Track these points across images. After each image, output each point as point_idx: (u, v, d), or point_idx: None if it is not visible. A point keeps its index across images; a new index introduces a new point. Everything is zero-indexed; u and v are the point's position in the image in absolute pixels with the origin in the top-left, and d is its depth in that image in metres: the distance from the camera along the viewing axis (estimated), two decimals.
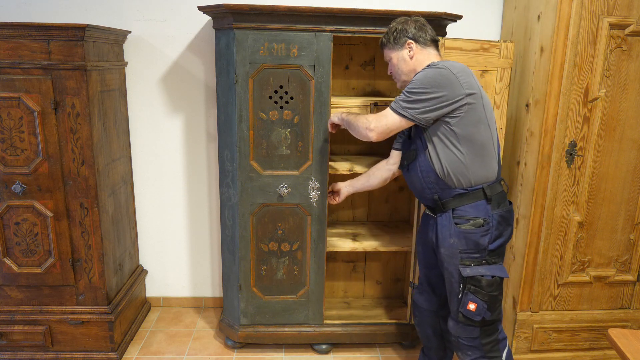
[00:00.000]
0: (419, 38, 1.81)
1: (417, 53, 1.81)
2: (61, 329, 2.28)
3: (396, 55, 1.84)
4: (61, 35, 1.97)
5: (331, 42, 2.05)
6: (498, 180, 1.77)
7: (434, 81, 1.63)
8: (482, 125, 1.69)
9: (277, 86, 2.12)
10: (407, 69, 1.83)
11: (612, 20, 2.03)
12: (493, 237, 1.71)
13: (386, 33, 1.86)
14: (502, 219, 1.73)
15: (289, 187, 2.23)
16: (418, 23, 1.82)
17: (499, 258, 1.75)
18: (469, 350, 1.77)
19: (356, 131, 1.82)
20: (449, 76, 1.63)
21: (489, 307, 1.70)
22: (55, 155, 2.09)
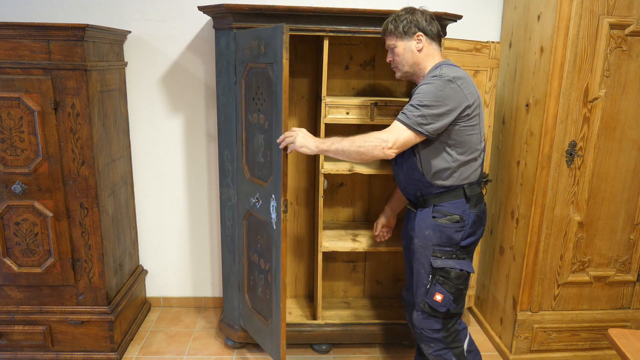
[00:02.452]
0: (429, 32, 1.78)
1: (425, 47, 1.78)
2: (61, 329, 2.28)
3: (403, 44, 1.79)
4: (61, 35, 1.97)
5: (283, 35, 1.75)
6: (479, 182, 1.81)
7: (443, 94, 1.64)
8: (475, 131, 1.73)
9: (257, 87, 2.02)
10: (412, 60, 1.80)
11: (612, 20, 2.03)
12: (466, 235, 1.77)
13: (393, 19, 1.80)
14: (478, 218, 1.79)
15: (260, 199, 2.07)
16: (427, 15, 1.79)
17: (468, 255, 1.81)
18: (431, 342, 1.82)
19: (365, 154, 1.70)
20: (455, 88, 1.65)
21: (455, 299, 1.76)
22: (55, 155, 2.09)
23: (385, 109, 2.27)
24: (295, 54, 2.51)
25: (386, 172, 2.33)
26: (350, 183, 2.68)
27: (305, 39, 2.48)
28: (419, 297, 1.83)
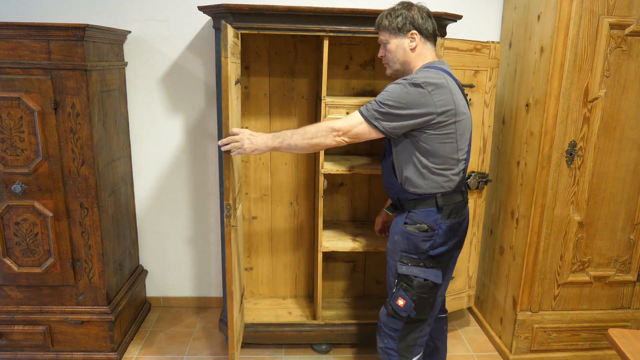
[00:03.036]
0: (424, 30, 1.72)
1: (418, 45, 1.72)
2: (61, 329, 2.28)
3: (396, 41, 1.73)
4: (61, 35, 1.97)
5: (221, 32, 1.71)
6: (457, 191, 1.73)
7: (408, 98, 1.59)
8: (449, 140, 1.66)
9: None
10: (403, 59, 1.75)
11: (612, 20, 2.03)
12: (435, 244, 1.71)
13: (389, 14, 1.73)
14: (450, 229, 1.72)
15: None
16: (423, 12, 1.72)
17: (439, 265, 1.74)
18: (386, 338, 1.81)
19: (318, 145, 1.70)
20: (424, 94, 1.59)
21: (416, 306, 1.72)
22: (55, 155, 2.09)
23: None
24: (295, 54, 2.51)
25: None
26: (350, 183, 2.69)
27: (305, 39, 2.48)
28: (388, 297, 1.83)
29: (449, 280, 1.86)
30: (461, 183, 1.75)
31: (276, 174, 2.65)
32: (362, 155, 2.62)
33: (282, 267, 2.78)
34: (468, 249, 2.54)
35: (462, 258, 2.53)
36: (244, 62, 2.48)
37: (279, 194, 2.68)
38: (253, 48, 2.48)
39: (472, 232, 2.52)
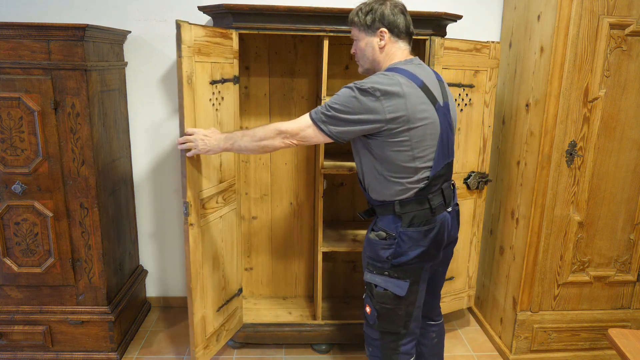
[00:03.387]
0: (395, 28, 1.62)
1: (387, 44, 1.63)
2: (61, 329, 2.28)
3: (365, 39, 1.66)
4: (61, 35, 1.97)
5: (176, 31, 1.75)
6: (418, 199, 1.61)
7: (355, 103, 1.52)
8: (403, 148, 1.55)
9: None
10: (372, 57, 1.67)
11: (612, 20, 2.03)
12: (396, 254, 1.61)
13: (360, 9, 1.65)
14: (410, 238, 1.60)
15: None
16: (396, 8, 1.62)
17: (405, 275, 1.63)
18: (370, 346, 1.77)
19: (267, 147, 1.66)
20: (371, 100, 1.50)
21: (379, 316, 1.65)
22: (55, 155, 2.09)
23: None
24: (295, 54, 2.51)
25: None
26: (350, 183, 2.69)
27: (305, 39, 2.48)
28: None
29: (422, 292, 1.70)
30: (425, 191, 1.61)
31: (276, 174, 2.65)
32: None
33: (282, 267, 2.78)
34: (468, 249, 2.54)
35: (462, 258, 2.53)
36: (244, 62, 2.49)
37: (279, 194, 2.68)
38: (253, 48, 2.48)
39: (472, 232, 2.52)
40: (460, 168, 2.40)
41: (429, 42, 2.16)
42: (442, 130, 1.60)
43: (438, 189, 1.64)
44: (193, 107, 1.85)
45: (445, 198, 1.67)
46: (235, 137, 1.73)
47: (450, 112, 1.67)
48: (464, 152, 2.38)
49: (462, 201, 2.43)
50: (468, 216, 2.48)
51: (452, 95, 1.78)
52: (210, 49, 1.92)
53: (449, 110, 1.67)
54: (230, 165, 2.17)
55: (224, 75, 2.04)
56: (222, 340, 2.27)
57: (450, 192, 1.71)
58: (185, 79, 1.78)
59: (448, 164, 1.67)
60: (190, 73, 1.80)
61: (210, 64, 1.94)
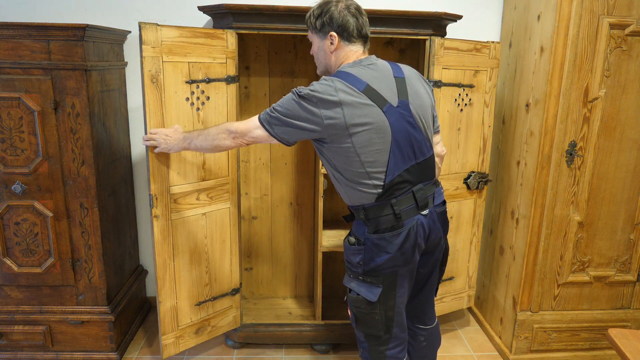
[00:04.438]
0: (344, 32, 1.58)
1: (338, 48, 1.60)
2: (61, 329, 2.28)
3: (318, 43, 1.64)
4: (61, 35, 1.97)
5: (139, 32, 1.84)
6: (380, 204, 1.56)
7: (294, 108, 1.51)
8: (349, 154, 1.52)
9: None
10: (324, 61, 1.65)
11: (612, 20, 2.03)
12: (365, 259, 1.58)
13: (312, 12, 1.62)
14: (374, 244, 1.57)
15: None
16: (349, 11, 1.57)
17: (377, 280, 1.58)
18: (360, 347, 1.76)
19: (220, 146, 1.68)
20: (309, 107, 1.48)
21: (357, 320, 1.64)
22: (55, 155, 2.09)
23: None
24: (295, 54, 2.51)
25: None
26: None
27: (305, 39, 2.48)
28: None
29: (402, 298, 1.65)
30: (386, 196, 1.55)
31: (276, 174, 2.65)
32: None
33: (282, 267, 2.78)
34: (468, 249, 2.54)
35: (462, 258, 2.53)
36: (244, 62, 2.48)
37: (279, 194, 2.68)
38: (253, 48, 2.48)
39: (472, 232, 2.52)
40: (460, 168, 2.40)
41: (429, 42, 2.16)
42: (395, 132, 1.52)
43: (405, 193, 1.57)
44: (160, 105, 1.93)
45: (417, 201, 1.58)
46: (192, 137, 1.77)
47: (411, 110, 1.56)
48: (464, 152, 2.38)
49: (462, 201, 2.43)
50: (468, 216, 2.48)
51: (429, 90, 1.69)
52: (187, 49, 1.95)
53: (409, 107, 1.56)
54: (220, 164, 2.17)
55: (209, 75, 2.05)
56: (204, 335, 2.29)
57: (427, 194, 1.61)
58: (148, 78, 1.86)
59: (417, 165, 1.58)
60: (155, 72, 1.88)
61: (187, 63, 1.98)
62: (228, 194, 2.24)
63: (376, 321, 1.63)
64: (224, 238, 2.27)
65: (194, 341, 2.27)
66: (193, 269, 2.18)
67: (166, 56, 1.90)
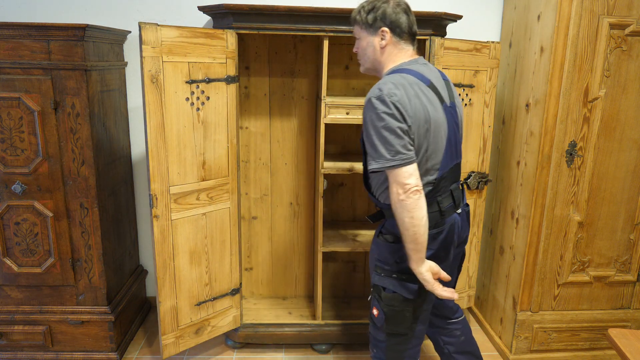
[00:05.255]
0: (397, 28, 1.58)
1: (389, 45, 1.60)
2: (61, 329, 2.28)
3: (367, 39, 1.62)
4: (61, 35, 1.97)
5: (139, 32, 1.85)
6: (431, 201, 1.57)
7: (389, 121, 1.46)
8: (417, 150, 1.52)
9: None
10: (373, 57, 1.63)
11: (612, 20, 2.03)
12: (404, 257, 1.56)
13: (362, 7, 1.62)
14: None
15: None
16: (399, 8, 1.58)
17: (414, 277, 1.57)
18: (374, 347, 1.75)
19: (407, 220, 1.48)
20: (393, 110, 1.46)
21: (387, 319, 1.62)
22: (55, 155, 2.09)
23: None
24: (295, 54, 2.51)
25: None
26: (350, 183, 2.69)
27: (305, 39, 2.48)
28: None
29: (432, 295, 1.65)
30: (434, 193, 1.58)
31: (276, 174, 2.65)
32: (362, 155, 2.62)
33: (282, 267, 2.78)
34: (468, 249, 2.54)
35: None
36: (244, 62, 2.49)
37: (279, 194, 2.68)
38: (253, 48, 2.48)
39: (472, 232, 2.52)
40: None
41: (429, 42, 2.16)
42: (449, 131, 1.57)
43: (447, 191, 1.62)
44: (160, 105, 1.93)
45: (454, 200, 1.64)
46: (407, 253, 1.55)
47: (457, 113, 1.64)
48: (464, 152, 2.38)
49: None
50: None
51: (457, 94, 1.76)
52: (187, 49, 1.95)
53: (456, 110, 1.64)
54: (220, 164, 2.18)
55: (209, 75, 2.05)
56: (204, 335, 2.29)
57: (460, 194, 1.69)
58: (148, 78, 1.86)
59: (457, 164, 1.65)
60: (155, 72, 1.88)
61: (187, 63, 1.98)
62: (228, 194, 2.24)
63: (406, 318, 1.64)
64: (224, 238, 2.27)
65: (194, 341, 2.27)
66: (193, 269, 2.18)
67: (166, 56, 1.90)
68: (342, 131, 2.60)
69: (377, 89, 1.49)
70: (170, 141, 2.00)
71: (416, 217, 1.46)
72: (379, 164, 1.48)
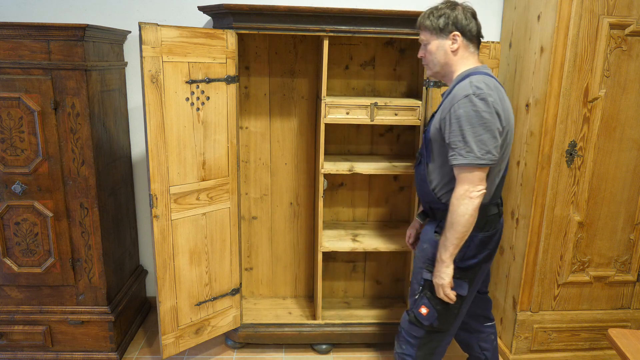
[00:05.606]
0: (467, 32, 1.62)
1: (460, 48, 1.64)
2: (61, 329, 2.28)
3: (437, 43, 1.65)
4: (61, 35, 1.97)
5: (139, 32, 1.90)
6: (492, 203, 1.67)
7: (489, 119, 1.51)
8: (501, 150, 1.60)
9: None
10: (444, 61, 1.66)
11: (612, 20, 2.03)
12: (465, 257, 1.64)
13: (431, 13, 1.65)
14: (481, 242, 1.65)
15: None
16: (468, 12, 1.63)
17: (466, 277, 1.67)
18: (405, 344, 1.76)
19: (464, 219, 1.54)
20: (495, 111, 1.52)
21: (439, 316, 1.67)
22: (55, 155, 2.09)
23: (385, 109, 2.27)
24: (295, 54, 2.51)
25: (386, 172, 2.33)
26: (350, 183, 2.69)
27: (305, 39, 2.48)
28: (410, 304, 1.78)
29: (474, 292, 1.76)
30: (497, 195, 1.68)
31: (276, 174, 2.65)
32: (362, 155, 2.62)
33: (282, 267, 2.78)
34: None
35: None
36: (244, 62, 2.49)
37: (279, 194, 2.68)
38: (253, 48, 2.48)
39: None
40: None
41: None
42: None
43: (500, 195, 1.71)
44: (160, 105, 1.93)
45: (501, 203, 1.75)
46: (443, 243, 1.61)
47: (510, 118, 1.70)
48: None
49: None
50: None
51: None
52: (187, 49, 1.96)
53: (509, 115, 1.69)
54: (220, 164, 2.18)
55: (209, 75, 2.05)
56: (204, 335, 2.30)
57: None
58: (148, 78, 1.87)
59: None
60: (155, 72, 1.88)
61: (187, 63, 1.98)
62: (228, 194, 2.24)
63: (453, 315, 1.71)
64: (224, 238, 2.27)
65: (194, 341, 2.27)
66: (193, 269, 2.18)
67: (166, 56, 1.90)
68: (342, 131, 2.60)
69: (474, 86, 1.52)
70: (170, 141, 2.00)
71: (474, 217, 1.55)
72: (467, 160, 1.51)
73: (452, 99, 1.56)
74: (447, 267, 1.61)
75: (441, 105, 1.64)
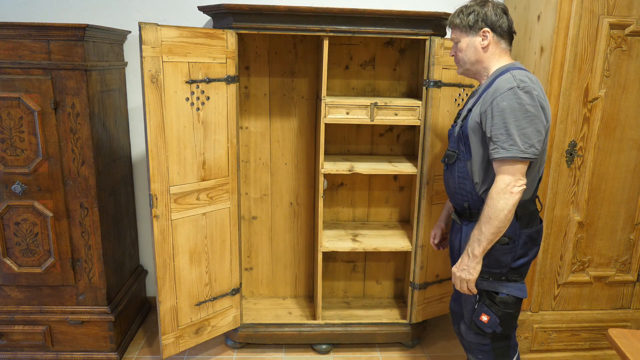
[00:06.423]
0: (497, 28, 1.60)
1: (491, 44, 1.62)
2: (61, 329, 2.28)
3: (467, 40, 1.64)
4: (61, 35, 1.97)
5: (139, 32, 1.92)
6: (532, 199, 1.65)
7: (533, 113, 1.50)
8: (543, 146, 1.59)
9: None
10: (475, 58, 1.64)
11: (612, 20, 2.03)
12: (517, 256, 1.62)
13: (461, 11, 1.64)
14: (530, 238, 1.63)
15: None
16: (498, 9, 1.61)
17: (520, 276, 1.65)
18: (479, 353, 1.74)
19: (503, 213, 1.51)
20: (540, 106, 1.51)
21: (502, 322, 1.63)
22: (55, 155, 2.09)
23: (385, 109, 2.27)
24: (295, 54, 2.51)
25: (386, 172, 2.33)
26: (350, 183, 2.69)
27: (305, 39, 2.48)
28: (467, 313, 1.74)
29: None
30: (536, 190, 1.67)
31: (276, 174, 2.65)
32: (362, 155, 2.62)
33: (282, 267, 2.78)
34: None
35: None
36: (244, 62, 2.49)
37: (279, 194, 2.68)
38: (253, 48, 2.48)
39: None
40: None
41: (429, 42, 2.16)
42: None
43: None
44: (160, 105, 1.93)
45: (538, 198, 1.72)
46: (478, 238, 1.57)
47: None
48: None
49: None
50: None
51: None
52: (187, 49, 1.96)
53: None
54: (220, 164, 2.18)
55: (209, 75, 2.05)
56: (204, 335, 2.30)
57: None
58: (148, 78, 1.87)
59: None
60: (155, 72, 1.88)
61: (187, 63, 1.98)
62: (228, 194, 2.24)
63: (515, 318, 1.68)
64: (224, 238, 2.27)
65: (194, 341, 2.27)
66: (193, 269, 2.18)
67: (166, 56, 1.90)
68: (342, 131, 2.60)
69: (518, 79, 1.51)
70: (170, 141, 2.00)
71: (512, 213, 1.52)
72: (510, 153, 1.49)
73: (495, 92, 1.53)
74: (477, 263, 1.58)
75: (479, 99, 1.61)
